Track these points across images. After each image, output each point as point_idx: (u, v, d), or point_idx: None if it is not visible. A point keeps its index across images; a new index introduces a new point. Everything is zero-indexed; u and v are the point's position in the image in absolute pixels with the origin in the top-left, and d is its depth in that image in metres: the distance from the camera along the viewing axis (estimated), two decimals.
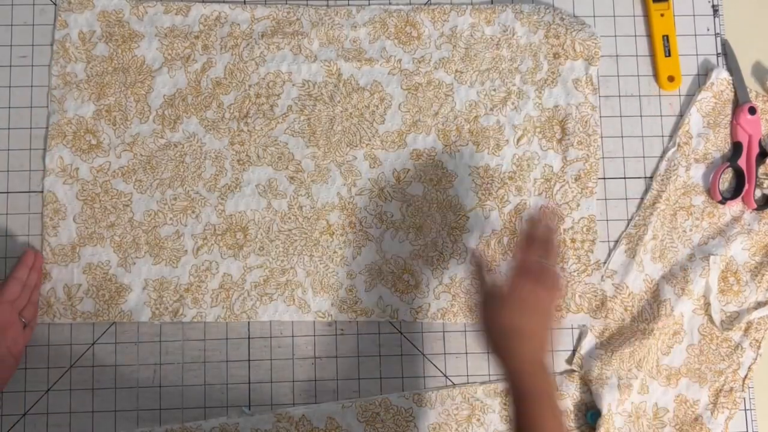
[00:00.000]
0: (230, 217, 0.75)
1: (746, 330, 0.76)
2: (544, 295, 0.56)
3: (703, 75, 0.80)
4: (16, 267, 0.70)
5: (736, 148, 0.77)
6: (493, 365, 0.75)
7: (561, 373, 0.75)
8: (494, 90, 0.77)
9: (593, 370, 0.73)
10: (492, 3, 0.79)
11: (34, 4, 0.77)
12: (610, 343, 0.74)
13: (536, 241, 0.59)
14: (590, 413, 0.73)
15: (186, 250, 0.74)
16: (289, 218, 0.75)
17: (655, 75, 0.79)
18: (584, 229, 0.76)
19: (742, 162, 0.77)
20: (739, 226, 0.77)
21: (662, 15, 0.79)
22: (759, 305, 0.76)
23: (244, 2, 0.78)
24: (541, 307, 0.56)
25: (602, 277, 0.76)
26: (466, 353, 0.75)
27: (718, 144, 0.78)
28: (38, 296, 0.72)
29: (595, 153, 0.77)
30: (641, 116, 0.79)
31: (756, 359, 0.75)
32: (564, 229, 0.76)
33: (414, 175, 0.76)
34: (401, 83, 0.77)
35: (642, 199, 0.77)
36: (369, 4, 0.79)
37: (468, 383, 0.74)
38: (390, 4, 0.79)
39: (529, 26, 0.78)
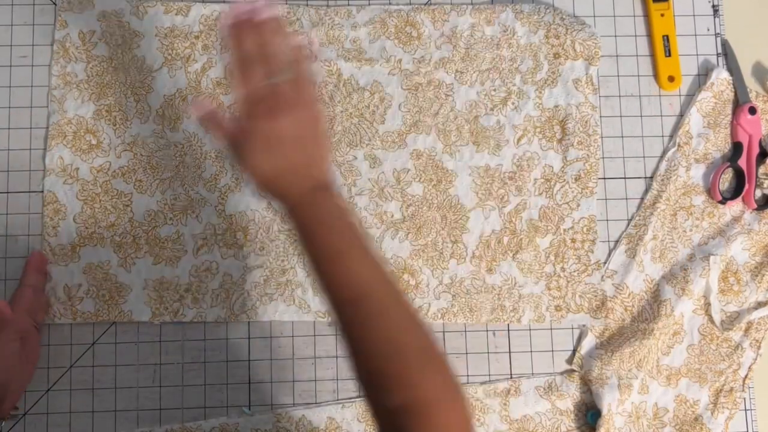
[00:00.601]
0: (230, 217, 0.75)
1: (746, 330, 0.76)
2: (288, 122, 0.47)
3: (703, 75, 0.80)
4: (27, 273, 0.70)
5: (736, 148, 0.77)
6: (493, 365, 0.75)
7: (561, 373, 0.75)
8: (494, 90, 0.77)
9: (593, 370, 0.73)
10: (492, 3, 0.79)
11: (34, 4, 0.77)
12: (610, 343, 0.74)
13: (254, 59, 0.48)
14: (590, 413, 0.73)
15: (186, 250, 0.74)
16: None
17: (655, 75, 0.79)
18: (584, 229, 0.76)
19: (742, 162, 0.77)
20: (739, 226, 0.77)
21: (662, 15, 0.79)
22: (759, 305, 0.76)
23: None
24: (289, 135, 0.47)
25: (602, 277, 0.76)
26: (466, 353, 0.75)
27: (718, 144, 0.78)
28: (45, 298, 0.72)
29: (595, 153, 0.77)
30: (641, 116, 0.79)
31: (756, 359, 0.75)
32: (564, 229, 0.76)
33: (414, 175, 0.76)
34: (401, 83, 0.77)
35: (642, 199, 0.77)
36: (369, 4, 0.79)
37: (468, 383, 0.74)
38: (390, 4, 0.79)
39: (530, 26, 0.78)
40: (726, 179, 0.78)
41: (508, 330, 0.75)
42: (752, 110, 0.77)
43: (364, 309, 0.44)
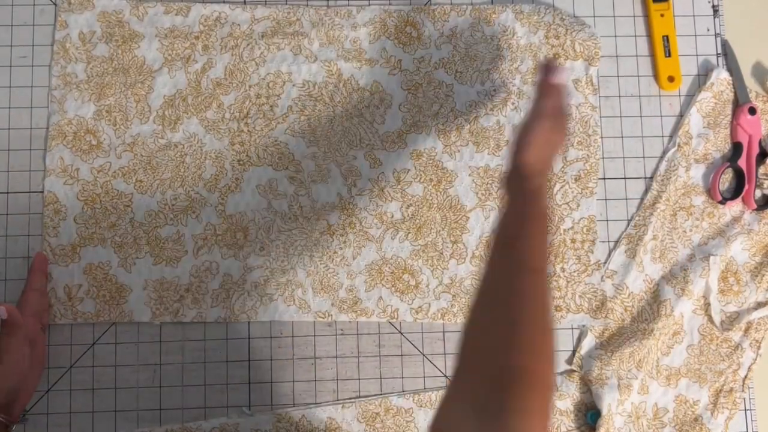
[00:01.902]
0: (230, 217, 0.75)
1: (746, 330, 0.76)
2: (560, 138, 0.61)
3: (703, 75, 0.80)
4: (32, 276, 0.70)
5: (736, 148, 0.77)
6: None
7: (561, 373, 0.75)
8: (494, 90, 0.77)
9: (593, 370, 0.73)
10: (492, 3, 0.79)
11: (34, 4, 0.77)
12: (610, 343, 0.75)
13: (553, 87, 0.63)
14: (590, 413, 0.73)
15: (186, 251, 0.74)
16: (289, 218, 0.75)
17: (655, 75, 0.79)
18: (584, 230, 0.76)
19: (742, 162, 0.77)
20: (739, 226, 0.77)
21: (662, 15, 0.79)
22: (759, 305, 0.76)
23: (245, 2, 0.78)
24: (556, 147, 0.61)
25: (602, 277, 0.76)
26: None
27: (718, 144, 0.78)
28: (48, 299, 0.72)
29: (595, 153, 0.77)
30: (641, 116, 0.79)
31: (756, 359, 0.75)
32: (564, 230, 0.76)
33: (414, 175, 0.76)
34: (401, 83, 0.77)
35: (642, 199, 0.77)
36: (369, 5, 0.79)
37: None
38: (390, 4, 0.79)
39: (529, 27, 0.78)
40: (726, 179, 0.78)
41: None
42: (752, 110, 0.77)
43: (542, 278, 0.51)
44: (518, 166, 0.58)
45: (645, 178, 0.78)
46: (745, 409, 0.75)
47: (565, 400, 0.74)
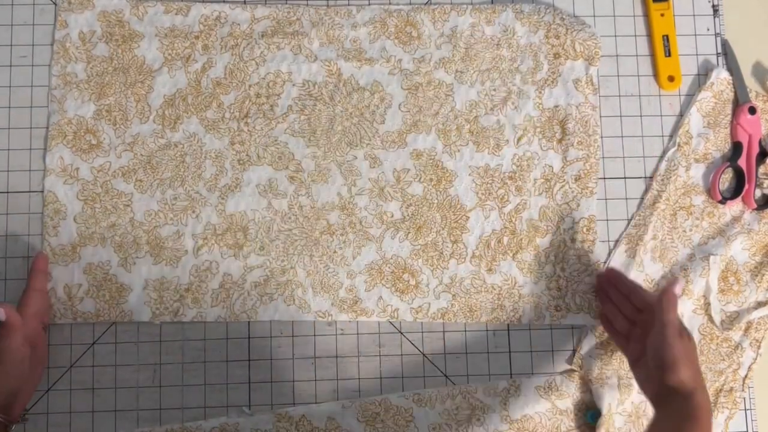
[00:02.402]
0: (230, 216, 0.75)
1: (746, 330, 0.76)
2: (693, 345, 0.63)
3: (703, 75, 0.80)
4: (33, 276, 0.70)
5: (736, 148, 0.77)
6: (493, 365, 0.75)
7: (561, 373, 0.75)
8: (494, 90, 0.77)
9: (593, 370, 0.73)
10: (492, 3, 0.79)
11: (34, 4, 0.77)
12: (610, 343, 0.74)
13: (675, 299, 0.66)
14: (590, 413, 0.73)
15: (186, 250, 0.74)
16: (290, 218, 0.75)
17: (655, 75, 0.79)
18: (584, 229, 0.76)
19: (742, 162, 0.77)
20: (739, 226, 0.77)
21: (662, 15, 0.79)
22: (759, 305, 0.76)
23: (244, 2, 0.78)
24: (695, 355, 0.63)
25: None
26: (466, 353, 0.75)
27: (718, 144, 0.78)
28: (49, 299, 0.71)
29: (595, 153, 0.77)
30: (641, 116, 0.79)
31: (756, 359, 0.75)
32: (564, 230, 0.76)
33: (414, 175, 0.76)
34: (401, 83, 0.77)
35: (642, 199, 0.77)
36: (369, 4, 0.79)
37: (468, 383, 0.74)
38: (390, 4, 0.79)
39: (530, 26, 0.78)
40: (726, 179, 0.78)
41: (508, 330, 0.75)
42: (752, 110, 0.77)
43: None
44: (673, 388, 0.60)
45: (645, 177, 0.78)
46: (745, 409, 0.75)
47: (565, 399, 0.74)
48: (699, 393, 0.60)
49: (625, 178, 0.78)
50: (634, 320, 0.68)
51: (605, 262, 0.76)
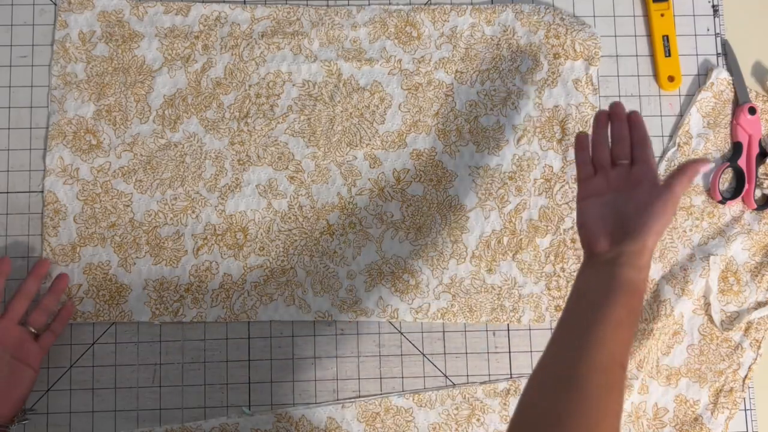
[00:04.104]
0: (230, 217, 0.75)
1: (746, 330, 0.76)
2: (641, 193, 0.59)
3: (703, 75, 0.80)
4: (25, 281, 0.69)
5: (736, 148, 0.77)
6: (493, 365, 0.75)
7: None
8: (494, 90, 0.77)
9: None
10: (492, 3, 0.79)
11: (34, 4, 0.77)
12: None
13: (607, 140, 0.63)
14: None
15: (186, 250, 0.74)
16: (289, 218, 0.75)
17: (655, 75, 0.79)
18: None
19: (742, 162, 0.77)
20: (739, 226, 0.77)
21: (662, 15, 0.79)
22: (759, 305, 0.76)
23: (244, 2, 0.78)
24: (641, 203, 0.58)
25: None
26: (466, 353, 0.75)
27: (718, 144, 0.78)
28: (52, 302, 0.71)
29: None
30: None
31: (756, 359, 0.75)
32: (564, 230, 0.76)
33: (414, 175, 0.76)
34: (401, 83, 0.77)
35: None
36: (369, 4, 0.79)
37: (468, 383, 0.74)
38: (390, 4, 0.79)
39: (530, 26, 0.78)
40: (726, 179, 0.78)
41: (508, 330, 0.75)
42: (752, 110, 0.77)
43: (618, 377, 0.50)
44: (635, 252, 0.54)
45: None
46: (745, 409, 0.75)
47: None
48: (645, 275, 0.54)
49: None
50: (615, 163, 0.62)
51: None
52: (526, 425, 0.48)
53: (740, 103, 0.78)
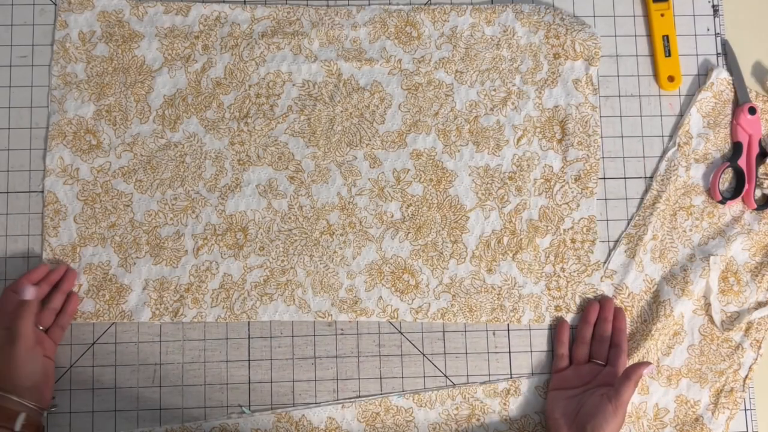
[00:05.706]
0: (230, 217, 0.75)
1: (747, 330, 0.76)
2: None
3: (703, 75, 0.80)
4: (18, 280, 0.69)
5: (736, 148, 0.77)
6: (493, 365, 0.75)
7: None
8: (494, 90, 0.77)
9: None
10: (492, 3, 0.79)
11: (34, 4, 0.77)
12: None
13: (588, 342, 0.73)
14: None
15: (186, 250, 0.74)
16: (289, 218, 0.75)
17: (655, 75, 0.79)
18: (584, 230, 0.76)
19: (742, 162, 0.77)
20: (739, 226, 0.77)
21: (662, 15, 0.79)
22: (759, 305, 0.76)
23: (244, 2, 0.78)
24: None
25: (602, 277, 0.76)
26: (466, 353, 0.75)
27: (718, 144, 0.78)
28: (59, 301, 0.71)
29: (595, 153, 0.77)
30: (641, 116, 0.79)
31: (756, 359, 0.75)
32: (564, 230, 0.76)
33: (414, 175, 0.76)
34: (401, 83, 0.77)
35: (642, 199, 0.77)
36: (369, 4, 0.79)
37: (468, 383, 0.74)
38: (390, 4, 0.79)
39: (530, 26, 0.78)
40: (726, 179, 0.78)
41: (508, 330, 0.75)
42: (752, 110, 0.77)
43: None
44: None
45: (645, 177, 0.78)
46: (746, 409, 0.75)
47: None
48: None
49: (625, 178, 0.78)
50: (588, 360, 0.72)
51: (605, 262, 0.76)
52: None
53: (740, 103, 0.78)
